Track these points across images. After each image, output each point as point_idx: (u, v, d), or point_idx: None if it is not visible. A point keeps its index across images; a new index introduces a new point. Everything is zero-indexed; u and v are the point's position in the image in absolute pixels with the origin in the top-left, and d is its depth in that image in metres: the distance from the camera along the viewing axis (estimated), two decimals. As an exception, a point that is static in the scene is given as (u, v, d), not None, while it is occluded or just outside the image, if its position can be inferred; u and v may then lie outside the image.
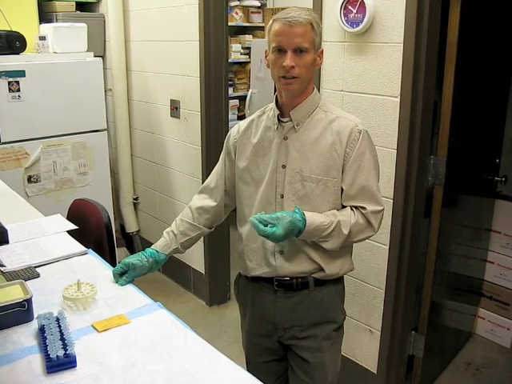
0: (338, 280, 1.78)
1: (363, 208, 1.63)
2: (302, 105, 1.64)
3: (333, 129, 1.62)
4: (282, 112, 1.67)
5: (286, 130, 1.65)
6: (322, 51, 1.63)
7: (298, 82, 1.58)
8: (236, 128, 1.81)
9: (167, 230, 1.84)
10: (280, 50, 1.54)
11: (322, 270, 1.68)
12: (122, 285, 1.68)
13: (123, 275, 1.70)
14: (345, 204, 1.66)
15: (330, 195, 1.64)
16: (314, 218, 1.58)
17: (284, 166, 1.65)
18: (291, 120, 1.64)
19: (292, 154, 1.64)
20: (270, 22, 1.58)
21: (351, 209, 1.64)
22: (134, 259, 1.71)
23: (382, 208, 1.66)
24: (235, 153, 1.78)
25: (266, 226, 1.52)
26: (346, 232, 1.60)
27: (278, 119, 1.67)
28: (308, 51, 1.55)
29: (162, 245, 1.79)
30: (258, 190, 1.71)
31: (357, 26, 2.19)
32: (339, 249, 1.64)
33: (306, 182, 1.63)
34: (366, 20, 2.15)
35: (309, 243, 1.65)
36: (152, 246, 1.80)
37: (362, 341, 2.56)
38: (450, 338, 2.96)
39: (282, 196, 1.66)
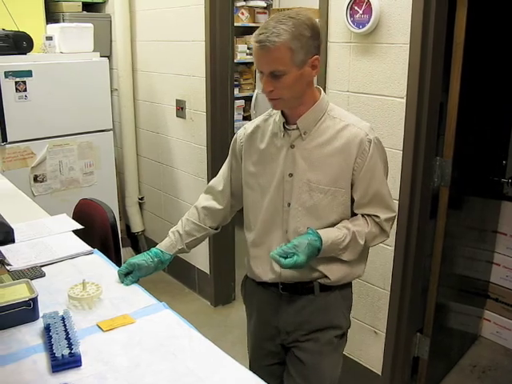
0: (346, 286, 1.75)
1: (376, 216, 1.61)
2: (309, 113, 1.58)
3: (342, 138, 1.56)
4: (288, 119, 1.61)
5: (293, 138, 1.60)
6: (317, 58, 1.51)
7: (280, 102, 1.54)
8: (242, 131, 1.77)
9: (173, 229, 1.83)
10: (260, 71, 1.50)
11: (326, 276, 1.66)
12: (127, 285, 1.68)
13: (128, 275, 1.70)
14: (357, 212, 1.63)
15: (339, 206, 1.60)
16: (328, 234, 1.56)
17: (291, 175, 1.61)
18: (298, 128, 1.59)
19: (299, 163, 1.60)
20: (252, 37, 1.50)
21: (363, 216, 1.62)
22: (139, 259, 1.71)
23: (394, 214, 1.66)
24: (241, 157, 1.75)
25: (286, 257, 1.50)
26: (362, 242, 1.60)
27: (284, 127, 1.62)
28: (286, 73, 1.46)
29: (167, 245, 1.78)
30: (264, 197, 1.67)
31: (363, 27, 2.19)
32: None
33: (314, 193, 1.59)
34: (372, 21, 2.14)
35: None
36: (157, 246, 1.79)
37: (367, 342, 2.55)
38: (455, 339, 2.95)
39: (290, 205, 1.63)
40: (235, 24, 3.63)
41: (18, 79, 3.07)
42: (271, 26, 1.45)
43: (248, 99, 4.95)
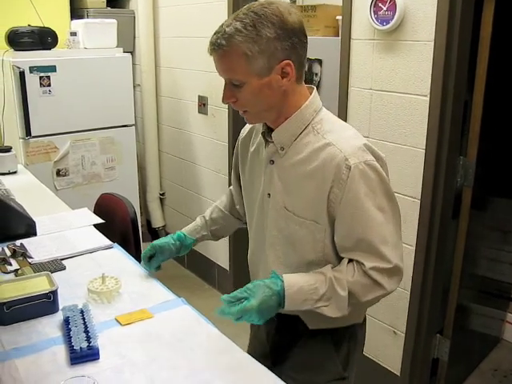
0: (340, 331, 1.44)
1: (362, 264, 1.26)
2: (285, 125, 1.29)
3: (318, 159, 1.25)
4: (270, 128, 1.35)
5: (271, 152, 1.34)
6: (288, 63, 1.20)
7: (249, 115, 1.30)
8: (242, 131, 1.58)
9: (202, 214, 1.78)
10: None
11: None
12: (150, 269, 1.67)
13: (152, 259, 1.67)
14: (342, 255, 1.31)
15: (317, 242, 1.32)
16: (296, 278, 1.26)
17: (269, 195, 1.37)
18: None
19: (276, 183, 1.34)
20: None
21: (351, 262, 1.28)
22: (162, 242, 1.67)
23: (390, 266, 1.26)
24: (240, 158, 1.58)
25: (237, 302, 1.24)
26: (343, 293, 1.24)
27: (264, 137, 1.36)
28: (244, 82, 1.21)
29: (191, 229, 1.74)
30: (254, 211, 1.48)
31: (387, 24, 2.16)
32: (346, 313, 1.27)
33: (289, 221, 1.33)
34: (396, 17, 2.11)
35: None
36: (182, 229, 1.75)
37: (386, 342, 2.53)
38: (476, 342, 2.91)
39: (268, 227, 1.42)
40: (258, 20, 3.62)
41: (42, 74, 3.12)
42: (226, 23, 1.19)
43: (270, 96, 4.94)
